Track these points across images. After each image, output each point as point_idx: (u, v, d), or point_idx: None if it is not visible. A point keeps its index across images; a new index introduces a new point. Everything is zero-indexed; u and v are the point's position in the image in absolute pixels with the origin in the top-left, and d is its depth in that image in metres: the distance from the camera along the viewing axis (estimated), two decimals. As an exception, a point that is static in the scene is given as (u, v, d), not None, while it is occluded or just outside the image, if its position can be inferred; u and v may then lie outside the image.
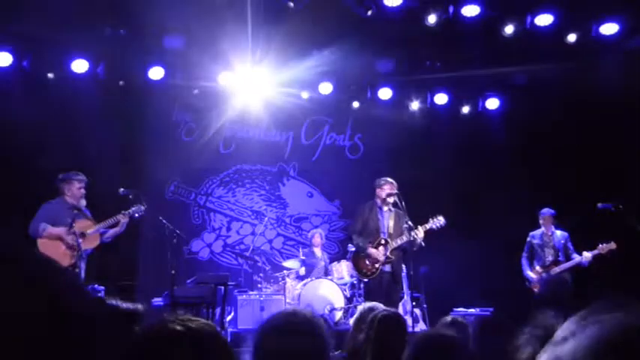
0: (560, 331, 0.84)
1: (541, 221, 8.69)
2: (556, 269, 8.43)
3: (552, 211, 8.66)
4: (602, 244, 8.26)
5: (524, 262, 8.71)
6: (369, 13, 8.25)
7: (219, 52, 8.89)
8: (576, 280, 8.45)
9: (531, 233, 8.75)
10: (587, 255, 8.33)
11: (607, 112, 8.97)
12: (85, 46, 8.74)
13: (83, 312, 0.72)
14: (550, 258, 8.52)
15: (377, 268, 7.35)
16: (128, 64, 9.14)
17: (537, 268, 8.56)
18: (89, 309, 0.74)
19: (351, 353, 3.29)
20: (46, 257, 0.74)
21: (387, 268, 7.40)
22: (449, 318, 3.70)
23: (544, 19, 8.35)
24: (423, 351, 2.40)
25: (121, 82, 9.24)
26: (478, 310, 8.67)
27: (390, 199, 7.44)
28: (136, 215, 7.10)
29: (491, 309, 8.61)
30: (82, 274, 6.75)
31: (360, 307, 4.24)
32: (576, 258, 8.42)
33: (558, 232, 8.63)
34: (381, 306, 4.38)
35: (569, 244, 8.57)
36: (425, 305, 8.34)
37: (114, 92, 9.14)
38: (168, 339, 1.22)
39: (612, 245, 8.21)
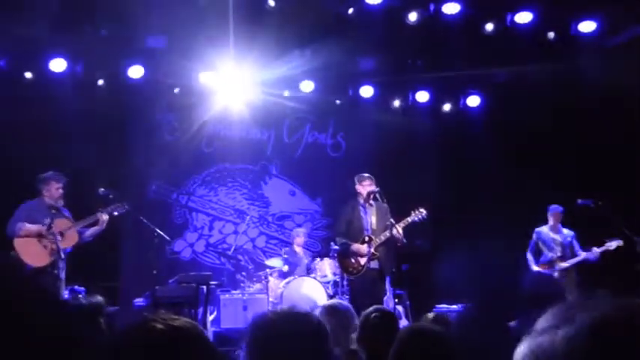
0: (540, 323, 0.86)
1: (551, 217, 8.73)
2: (563, 265, 8.50)
3: (561, 207, 8.73)
4: (609, 241, 8.31)
5: (530, 257, 8.78)
6: (350, 11, 8.26)
7: (201, 51, 8.84)
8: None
9: (537, 229, 8.81)
10: (595, 251, 8.42)
11: (587, 110, 9.07)
12: (64, 44, 8.63)
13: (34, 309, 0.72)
14: (558, 254, 8.60)
15: (363, 266, 7.32)
16: (108, 63, 9.05)
17: (542, 264, 8.64)
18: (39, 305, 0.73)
19: (345, 351, 3.31)
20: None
21: (374, 265, 7.36)
22: (431, 315, 3.73)
23: (524, 17, 8.43)
24: (409, 344, 2.41)
25: (100, 82, 9.15)
26: (460, 306, 8.73)
27: (371, 195, 7.42)
28: (115, 213, 7.03)
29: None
30: (63, 275, 6.68)
31: (318, 310, 4.22)
32: (582, 254, 8.52)
33: (565, 230, 8.74)
34: (344, 303, 4.38)
35: (575, 242, 8.67)
36: (408, 302, 8.37)
37: (93, 91, 9.05)
38: (149, 337, 1.20)
39: (620, 242, 8.22)
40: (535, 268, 8.69)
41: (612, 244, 8.32)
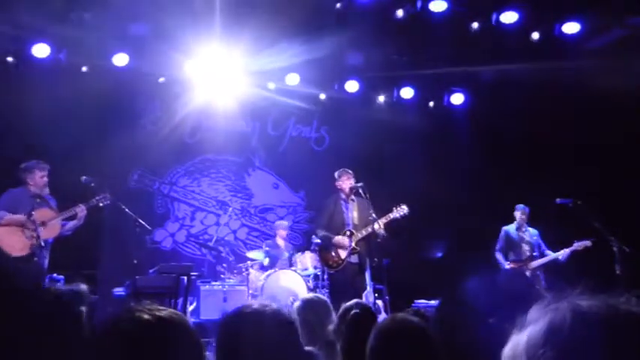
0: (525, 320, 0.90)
1: (522, 216, 8.80)
2: (533, 264, 8.59)
3: (527, 207, 8.83)
4: (577, 241, 8.42)
5: (499, 255, 8.84)
6: (338, 6, 8.26)
7: (186, 40, 8.78)
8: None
9: (505, 228, 8.88)
10: (565, 251, 8.52)
11: (570, 110, 9.16)
12: (47, 29, 8.52)
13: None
14: (527, 253, 8.69)
15: (343, 260, 7.35)
16: (92, 50, 8.94)
17: (513, 262, 8.72)
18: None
19: (324, 345, 3.33)
20: None
21: (354, 259, 7.40)
22: (410, 311, 3.76)
23: (509, 17, 8.50)
24: (388, 338, 2.43)
25: (84, 68, 9.06)
26: (439, 302, 8.79)
27: (353, 190, 7.46)
28: (101, 204, 6.98)
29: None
30: (46, 264, 6.63)
31: (297, 304, 4.23)
32: (551, 254, 8.61)
33: (531, 229, 8.84)
34: (322, 297, 4.41)
35: (541, 241, 8.78)
36: (387, 297, 8.41)
37: (77, 78, 8.95)
38: (137, 327, 1.21)
39: (588, 243, 8.35)
40: (507, 266, 8.77)
41: (580, 245, 8.42)
